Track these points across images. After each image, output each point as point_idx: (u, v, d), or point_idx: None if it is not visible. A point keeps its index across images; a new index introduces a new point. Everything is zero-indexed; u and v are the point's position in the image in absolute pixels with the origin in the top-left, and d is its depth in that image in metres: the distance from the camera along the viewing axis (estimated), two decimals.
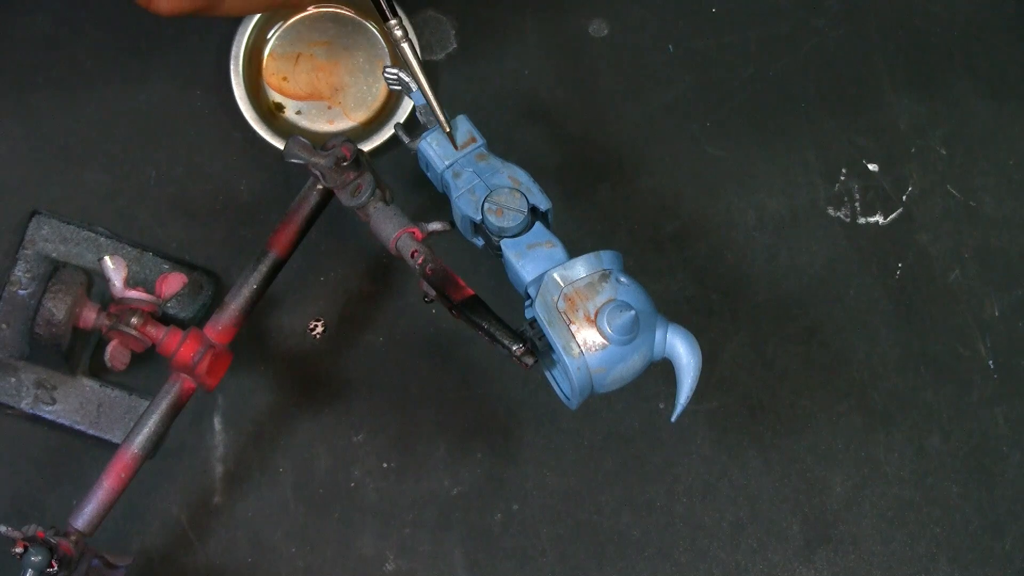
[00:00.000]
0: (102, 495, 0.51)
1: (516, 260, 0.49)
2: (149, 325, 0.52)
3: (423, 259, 0.50)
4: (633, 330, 0.46)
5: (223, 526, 0.58)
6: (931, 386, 0.62)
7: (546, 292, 0.47)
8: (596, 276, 0.47)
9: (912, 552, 0.60)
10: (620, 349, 0.46)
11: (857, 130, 0.65)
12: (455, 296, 0.49)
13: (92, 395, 0.58)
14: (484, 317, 0.48)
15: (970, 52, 0.66)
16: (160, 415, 0.52)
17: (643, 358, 0.47)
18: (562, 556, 0.59)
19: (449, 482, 0.60)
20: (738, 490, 0.61)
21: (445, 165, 0.51)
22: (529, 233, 0.50)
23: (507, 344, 0.47)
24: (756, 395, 0.62)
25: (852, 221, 0.64)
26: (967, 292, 0.63)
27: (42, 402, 0.57)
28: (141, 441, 0.52)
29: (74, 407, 0.57)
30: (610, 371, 0.47)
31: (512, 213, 0.49)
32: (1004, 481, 0.61)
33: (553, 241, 0.49)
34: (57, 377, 0.57)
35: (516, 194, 0.50)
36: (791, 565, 0.60)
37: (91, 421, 0.57)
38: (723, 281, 0.63)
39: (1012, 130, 0.65)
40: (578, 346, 0.46)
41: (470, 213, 0.50)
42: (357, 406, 0.60)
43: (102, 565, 0.52)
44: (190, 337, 0.52)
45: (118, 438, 0.56)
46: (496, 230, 0.49)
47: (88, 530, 0.51)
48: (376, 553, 0.59)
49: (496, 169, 0.51)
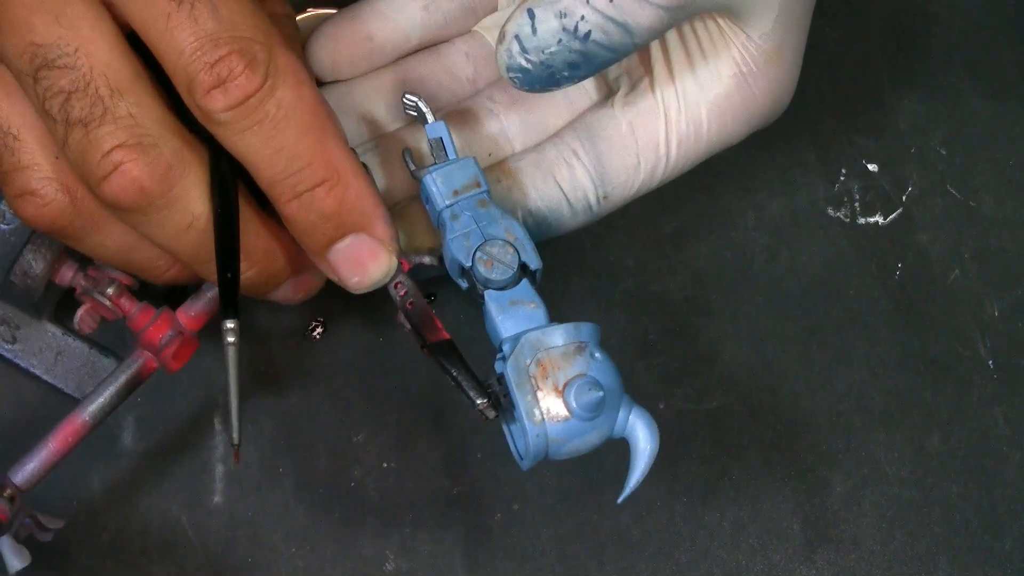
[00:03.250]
0: (46, 455, 0.52)
1: (496, 314, 0.49)
2: (124, 298, 0.52)
3: (405, 292, 0.50)
4: (598, 409, 0.46)
5: (223, 526, 0.58)
6: (931, 386, 0.62)
7: (520, 353, 0.47)
8: (572, 347, 0.47)
9: (912, 552, 0.60)
10: (581, 424, 0.47)
11: (857, 130, 0.65)
12: (430, 337, 0.49)
13: (53, 341, 0.57)
14: (454, 364, 0.48)
15: (970, 52, 0.66)
16: (117, 388, 0.52)
17: (601, 436, 0.48)
18: (562, 556, 0.59)
19: (449, 482, 0.60)
20: (738, 490, 0.61)
21: (445, 204, 0.51)
22: (514, 289, 0.50)
23: (471, 396, 0.47)
24: (756, 395, 0.62)
25: (852, 221, 0.64)
26: (967, 292, 0.63)
27: (2, 339, 0.57)
28: (93, 411, 0.52)
29: (33, 350, 0.57)
30: (567, 443, 0.47)
31: (501, 267, 0.49)
32: (1004, 481, 0.61)
33: (537, 303, 0.49)
34: (21, 317, 0.57)
35: (509, 248, 0.50)
36: (791, 565, 0.60)
37: (47, 367, 0.57)
38: (723, 281, 0.63)
39: (1012, 130, 0.65)
40: (541, 413, 0.46)
41: (460, 258, 0.50)
42: (357, 406, 0.60)
43: (33, 524, 0.52)
44: (161, 318, 0.52)
45: (70, 389, 0.57)
46: (482, 280, 0.49)
47: (25, 487, 0.51)
48: (376, 553, 0.59)
49: (494, 219, 0.50)
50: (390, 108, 0.56)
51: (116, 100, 0.45)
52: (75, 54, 0.45)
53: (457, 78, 0.58)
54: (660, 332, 0.62)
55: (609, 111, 0.55)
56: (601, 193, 0.54)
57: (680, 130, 0.54)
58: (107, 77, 0.45)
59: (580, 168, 0.54)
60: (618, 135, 0.54)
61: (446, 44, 0.58)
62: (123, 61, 0.45)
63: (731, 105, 0.54)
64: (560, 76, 0.49)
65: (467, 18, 0.58)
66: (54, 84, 0.44)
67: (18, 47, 0.45)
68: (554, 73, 0.49)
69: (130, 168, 0.45)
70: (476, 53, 0.58)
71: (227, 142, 0.46)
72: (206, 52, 0.44)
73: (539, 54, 0.49)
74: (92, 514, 0.58)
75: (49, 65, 0.44)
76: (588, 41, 0.48)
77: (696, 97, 0.53)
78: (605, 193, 0.54)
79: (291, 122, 0.46)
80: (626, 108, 0.54)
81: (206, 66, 0.44)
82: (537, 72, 0.49)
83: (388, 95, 0.56)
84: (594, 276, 0.62)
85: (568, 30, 0.48)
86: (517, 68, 0.49)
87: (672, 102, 0.54)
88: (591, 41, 0.48)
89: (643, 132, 0.54)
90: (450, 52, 0.58)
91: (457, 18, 0.58)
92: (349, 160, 0.47)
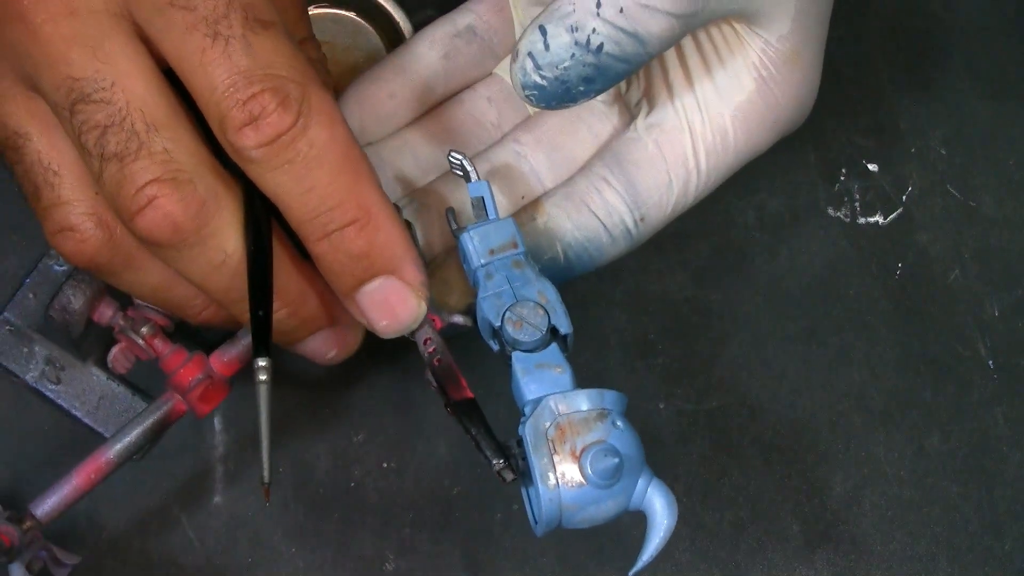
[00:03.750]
0: (68, 491, 0.52)
1: (522, 376, 0.48)
2: (157, 338, 0.53)
3: (434, 349, 0.50)
4: (614, 476, 0.46)
5: (223, 526, 0.59)
6: (931, 386, 0.62)
7: (540, 416, 0.47)
8: (594, 414, 0.47)
9: (912, 552, 0.60)
10: (596, 492, 0.46)
11: (857, 130, 0.65)
12: (454, 395, 0.48)
13: (96, 385, 0.58)
14: (475, 423, 0.47)
15: (970, 52, 0.66)
16: (144, 429, 0.53)
17: (618, 505, 0.47)
18: (562, 556, 0.59)
19: (449, 482, 0.60)
20: (738, 490, 0.61)
21: (480, 263, 0.51)
22: (542, 353, 0.49)
23: (489, 456, 0.47)
24: (756, 395, 0.62)
25: (852, 221, 0.64)
26: (967, 292, 0.63)
27: (47, 379, 0.58)
28: (119, 449, 0.52)
29: (76, 392, 0.58)
30: (581, 511, 0.46)
31: (530, 328, 0.49)
32: (1004, 481, 0.61)
33: (563, 366, 0.49)
34: (68, 359, 0.58)
35: (540, 310, 0.49)
36: (791, 565, 0.60)
37: (88, 410, 0.58)
38: (723, 281, 0.63)
39: (1012, 130, 0.65)
40: (556, 478, 0.46)
41: (491, 317, 0.49)
42: (357, 406, 0.60)
43: (48, 558, 0.52)
44: (193, 361, 0.52)
45: (110, 432, 0.57)
46: (511, 341, 0.49)
47: (45, 520, 0.51)
48: (376, 553, 0.59)
49: (528, 280, 0.50)
50: (420, 163, 0.56)
51: (152, 135, 0.44)
52: (111, 88, 0.44)
53: (482, 124, 0.58)
54: (660, 332, 0.62)
55: (633, 135, 0.54)
56: (637, 216, 0.54)
57: (707, 141, 0.53)
58: (143, 112, 0.45)
59: (612, 193, 0.54)
60: (645, 156, 0.54)
61: (468, 91, 0.58)
62: (159, 96, 0.45)
63: (755, 111, 0.53)
64: (576, 91, 0.49)
65: (487, 60, 0.58)
66: (90, 118, 0.44)
67: (55, 80, 0.45)
68: (569, 88, 0.49)
69: (164, 203, 0.45)
70: (497, 96, 0.58)
71: (259, 180, 0.46)
72: (239, 89, 0.44)
73: (553, 70, 0.48)
74: (92, 514, 0.58)
75: (86, 99, 0.44)
76: (601, 54, 0.48)
77: (718, 106, 0.53)
78: (641, 215, 0.54)
79: (323, 161, 0.45)
80: (650, 129, 0.54)
81: (238, 103, 0.44)
82: (552, 88, 0.49)
83: (417, 150, 0.56)
84: (594, 276, 0.62)
85: (580, 44, 0.47)
86: (532, 85, 0.49)
87: (695, 115, 0.53)
88: (604, 53, 0.48)
89: (670, 149, 0.54)
90: (473, 99, 0.58)
91: (478, 61, 0.58)
92: (381, 202, 0.47)
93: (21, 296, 0.57)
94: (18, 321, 0.57)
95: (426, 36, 0.57)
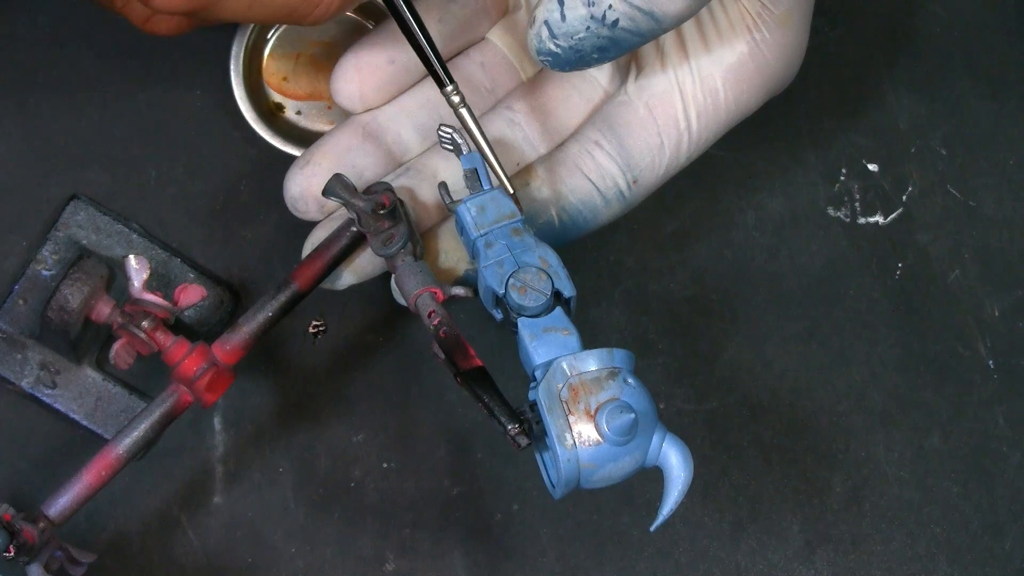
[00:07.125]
0: (79, 489, 0.52)
1: (529, 341, 0.49)
2: (159, 331, 0.53)
3: (439, 321, 0.50)
4: (630, 432, 0.46)
5: (223, 526, 0.59)
6: (931, 386, 0.62)
7: (552, 379, 0.47)
8: (604, 373, 0.47)
9: (912, 552, 0.60)
10: (613, 449, 0.46)
11: (857, 130, 0.65)
12: (462, 364, 0.48)
13: (93, 387, 0.58)
14: (486, 391, 0.48)
15: (970, 52, 0.66)
16: (151, 422, 0.52)
17: (635, 461, 0.47)
18: (562, 556, 0.59)
19: (449, 482, 0.60)
20: (738, 490, 0.61)
21: (479, 233, 0.51)
22: (548, 316, 0.49)
23: (503, 422, 0.47)
24: (756, 395, 0.62)
25: (852, 221, 0.64)
26: (967, 292, 0.63)
27: (43, 384, 0.57)
28: (128, 444, 0.52)
29: (73, 395, 0.58)
30: (599, 469, 0.46)
31: (535, 294, 0.49)
32: (1004, 481, 0.61)
33: (570, 329, 0.49)
34: (62, 362, 0.58)
35: (543, 275, 0.49)
36: (791, 565, 0.60)
37: (87, 412, 0.57)
38: (723, 281, 0.63)
39: (1012, 130, 0.65)
40: (572, 438, 0.46)
41: (494, 285, 0.49)
42: (357, 406, 0.60)
43: (64, 558, 0.52)
44: (196, 351, 0.52)
45: (110, 434, 0.57)
46: (516, 307, 0.49)
47: (58, 520, 0.51)
48: (376, 553, 0.59)
49: (529, 247, 0.50)
50: (419, 130, 0.56)
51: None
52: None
53: (477, 90, 0.58)
54: (660, 332, 0.62)
55: (624, 98, 0.55)
56: (630, 178, 0.54)
57: (697, 101, 0.54)
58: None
59: (604, 156, 0.54)
60: (636, 118, 0.54)
61: (462, 57, 0.58)
62: None
63: (745, 72, 0.54)
64: (590, 59, 0.50)
65: (481, 22, 0.58)
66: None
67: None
68: (583, 56, 0.50)
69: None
70: (490, 62, 0.58)
71: None
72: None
73: (568, 39, 0.49)
74: (92, 514, 0.58)
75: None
76: (616, 28, 0.49)
77: (709, 68, 0.54)
78: (634, 177, 0.54)
79: None
80: (640, 91, 0.55)
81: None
82: (567, 56, 0.50)
83: (414, 117, 0.56)
84: (594, 276, 0.62)
85: (596, 18, 0.48)
86: (547, 52, 0.50)
87: (686, 76, 0.54)
88: (619, 28, 0.49)
89: (660, 110, 0.54)
90: (467, 65, 0.58)
91: (472, 24, 0.58)
92: None
93: (11, 303, 0.57)
94: (9, 328, 0.57)
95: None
